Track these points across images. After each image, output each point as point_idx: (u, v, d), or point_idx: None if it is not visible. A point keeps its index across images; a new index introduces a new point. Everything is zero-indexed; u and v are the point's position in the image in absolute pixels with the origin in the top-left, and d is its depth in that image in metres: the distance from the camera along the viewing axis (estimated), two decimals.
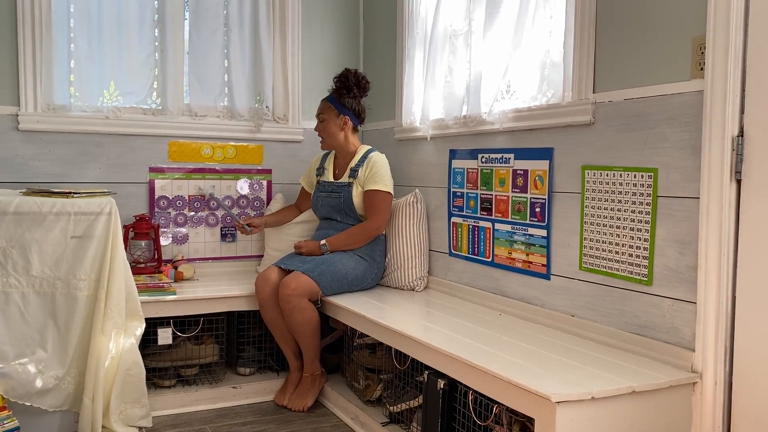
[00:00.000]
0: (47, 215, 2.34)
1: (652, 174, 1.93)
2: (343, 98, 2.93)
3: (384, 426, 2.43)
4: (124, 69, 3.09)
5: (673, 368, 1.83)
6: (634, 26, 1.99)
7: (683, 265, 1.86)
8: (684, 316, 1.85)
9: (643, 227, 1.97)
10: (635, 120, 1.98)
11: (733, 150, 1.71)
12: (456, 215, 2.81)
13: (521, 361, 1.86)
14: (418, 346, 2.11)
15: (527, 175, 2.41)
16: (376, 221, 2.86)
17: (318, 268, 2.72)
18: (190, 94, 3.26)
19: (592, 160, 2.14)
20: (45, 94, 2.95)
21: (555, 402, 1.57)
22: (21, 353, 2.30)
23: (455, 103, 2.76)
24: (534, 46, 2.37)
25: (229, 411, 2.76)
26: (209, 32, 3.25)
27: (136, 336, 2.47)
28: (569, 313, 2.23)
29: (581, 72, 2.15)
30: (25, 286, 2.32)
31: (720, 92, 1.72)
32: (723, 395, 1.75)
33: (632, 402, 1.69)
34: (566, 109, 2.21)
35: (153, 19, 3.14)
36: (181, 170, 3.23)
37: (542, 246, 2.34)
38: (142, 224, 3.00)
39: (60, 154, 3.00)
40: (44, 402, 2.33)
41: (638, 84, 1.97)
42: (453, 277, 2.85)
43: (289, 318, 2.68)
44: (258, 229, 3.10)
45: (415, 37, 3.08)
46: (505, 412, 1.85)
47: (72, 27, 3.00)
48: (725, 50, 1.70)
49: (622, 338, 2.02)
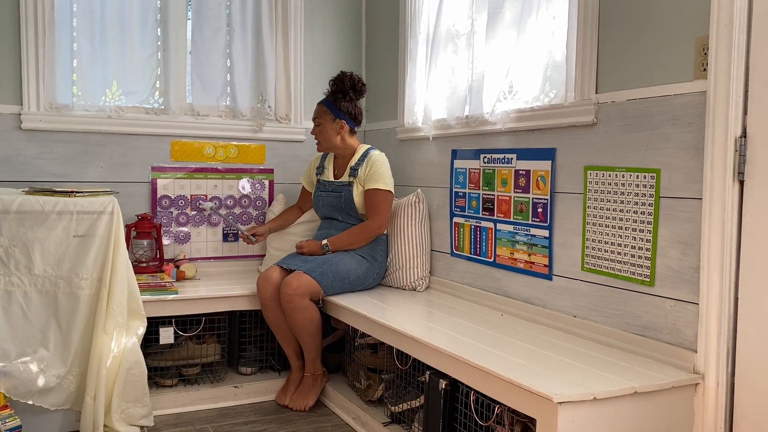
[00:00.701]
0: (50, 214, 2.34)
1: (655, 175, 1.93)
2: (339, 102, 2.92)
3: (385, 426, 2.43)
4: (127, 68, 3.10)
5: (675, 369, 1.83)
6: (636, 27, 1.99)
7: (685, 266, 1.85)
8: (686, 317, 1.85)
9: (645, 228, 1.97)
10: (638, 120, 1.98)
11: (736, 151, 1.70)
12: (458, 215, 2.81)
13: (523, 362, 1.86)
14: (419, 346, 2.11)
15: (529, 175, 2.41)
16: (378, 221, 2.85)
17: (320, 267, 2.72)
18: (192, 94, 3.26)
19: (594, 161, 2.14)
20: (48, 93, 2.95)
21: (557, 402, 1.57)
22: (23, 352, 2.30)
23: (457, 103, 2.76)
24: (537, 46, 2.37)
25: (231, 410, 2.76)
26: (212, 32, 3.25)
27: (137, 335, 2.47)
28: (571, 313, 2.23)
29: (584, 72, 2.15)
30: (28, 285, 2.33)
31: (723, 93, 1.71)
32: (725, 396, 1.75)
33: (634, 403, 1.68)
34: (569, 110, 2.21)
35: (156, 18, 3.14)
36: (183, 170, 3.23)
37: (544, 246, 2.34)
38: (144, 223, 3.00)
39: (62, 153, 3.00)
40: (46, 401, 2.33)
41: (641, 84, 1.97)
42: (455, 278, 2.84)
43: (290, 317, 2.68)
44: (263, 237, 3.10)
45: (418, 37, 3.08)
46: (507, 413, 1.85)
47: (75, 26, 3.00)
48: (728, 51, 1.70)
49: (624, 339, 2.02)
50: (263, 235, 3.10)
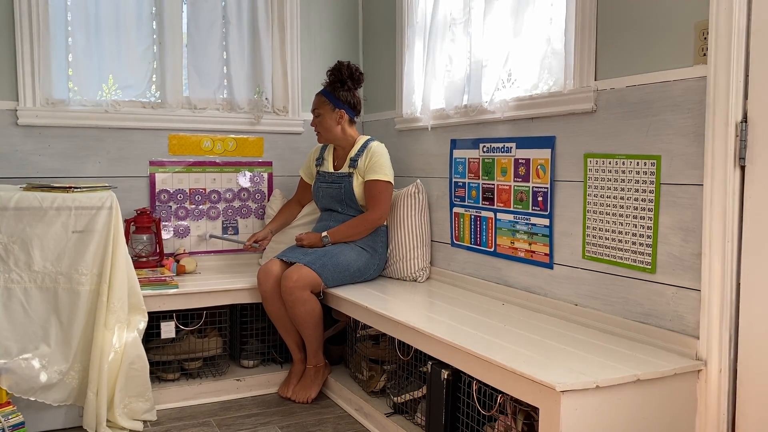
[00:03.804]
0: (48, 210, 2.33)
1: (655, 161, 1.92)
2: (337, 92, 2.91)
3: (388, 416, 2.43)
4: (123, 62, 3.08)
5: (677, 356, 1.82)
6: (635, 12, 1.97)
7: (687, 253, 1.85)
8: (688, 304, 1.85)
9: (646, 215, 1.96)
10: (638, 107, 1.97)
11: (737, 136, 1.69)
12: (458, 205, 2.80)
13: (525, 351, 1.86)
14: (421, 337, 2.11)
15: (529, 164, 2.40)
16: (377, 212, 2.85)
17: (320, 260, 2.72)
18: (189, 87, 3.24)
19: (594, 148, 2.13)
20: (44, 88, 2.93)
21: (559, 391, 1.57)
22: (24, 348, 2.30)
23: (456, 93, 2.74)
24: (534, 33, 2.35)
25: (233, 403, 2.77)
26: (207, 24, 3.23)
27: (139, 330, 2.47)
28: (572, 302, 2.22)
29: (583, 59, 2.14)
30: (28, 282, 2.32)
31: (723, 78, 1.70)
32: (728, 382, 1.75)
33: (637, 390, 1.68)
34: (568, 97, 2.20)
35: (151, 11, 3.12)
36: (181, 163, 3.22)
37: (545, 235, 2.33)
38: (143, 218, 2.99)
39: (60, 149, 2.99)
40: (48, 397, 2.33)
41: (640, 71, 1.96)
42: (455, 268, 2.84)
43: (291, 310, 2.67)
44: (266, 241, 3.09)
45: (415, 26, 3.06)
46: (510, 402, 1.85)
47: (69, 21, 2.98)
48: (728, 35, 1.68)
49: (626, 326, 2.01)
50: (266, 239, 3.08)
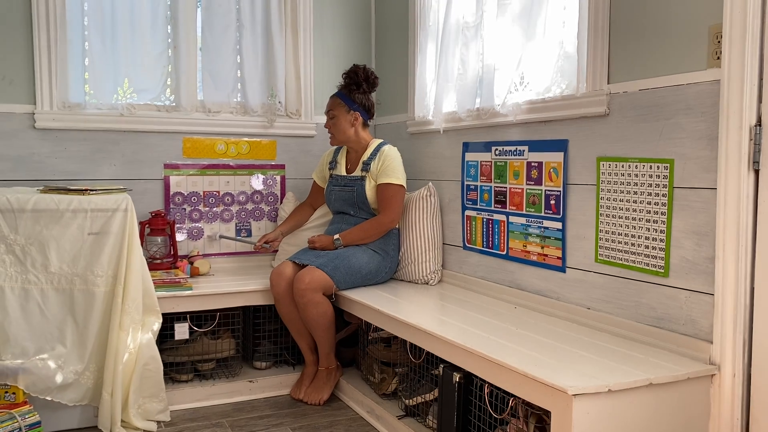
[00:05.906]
0: (64, 212, 2.37)
1: (669, 165, 1.91)
2: (352, 94, 2.93)
3: (400, 419, 2.43)
4: (138, 66, 3.11)
5: (690, 360, 1.81)
6: (648, 16, 1.97)
7: (700, 257, 1.84)
8: (701, 308, 1.84)
9: (659, 219, 1.95)
10: (651, 110, 1.96)
11: (751, 140, 1.68)
12: (470, 208, 2.80)
13: (537, 354, 1.86)
14: (433, 340, 2.11)
15: (542, 167, 2.40)
16: (389, 215, 2.86)
17: (332, 262, 2.73)
18: (203, 91, 3.27)
19: (607, 152, 2.13)
20: (60, 92, 2.97)
21: (572, 395, 1.57)
22: (41, 349, 2.33)
23: (468, 96, 2.75)
24: (547, 37, 2.35)
25: (246, 405, 2.78)
26: (221, 28, 3.26)
27: (153, 331, 2.49)
28: (585, 305, 2.22)
29: (595, 63, 2.14)
30: (44, 283, 2.35)
31: (737, 81, 1.69)
32: (742, 387, 1.74)
33: (650, 394, 1.68)
34: (581, 101, 2.19)
35: (165, 16, 3.15)
36: (195, 166, 3.25)
37: (557, 239, 2.33)
38: (157, 220, 3.01)
39: (76, 152, 3.03)
40: (64, 397, 2.36)
41: (653, 74, 1.95)
42: (467, 271, 2.84)
43: (303, 312, 2.69)
44: (277, 242, 3.11)
45: (427, 29, 3.06)
46: (521, 405, 1.84)
47: (86, 25, 3.02)
48: (742, 39, 1.68)
49: (639, 330, 2.01)
50: (276, 240, 3.10)
